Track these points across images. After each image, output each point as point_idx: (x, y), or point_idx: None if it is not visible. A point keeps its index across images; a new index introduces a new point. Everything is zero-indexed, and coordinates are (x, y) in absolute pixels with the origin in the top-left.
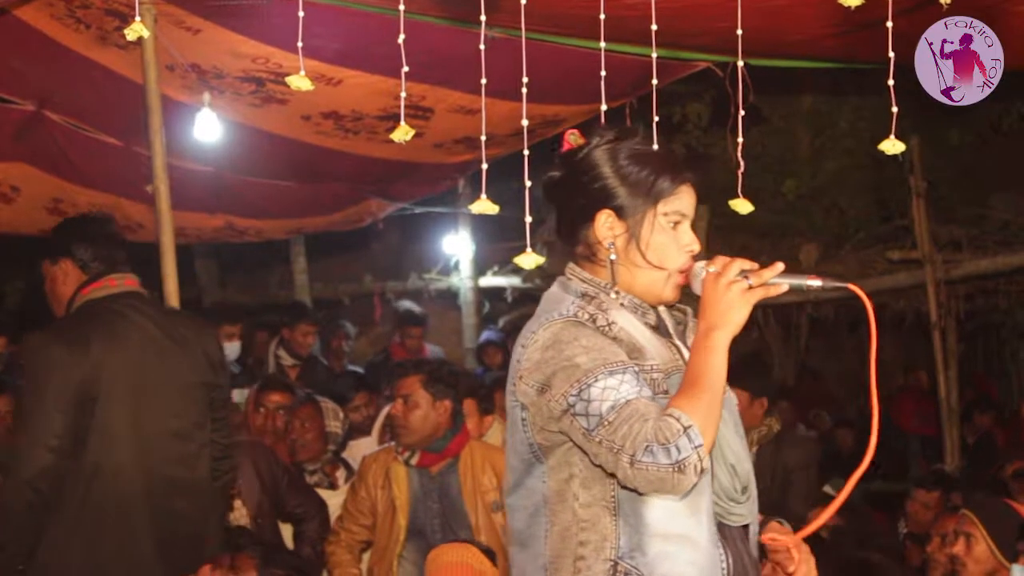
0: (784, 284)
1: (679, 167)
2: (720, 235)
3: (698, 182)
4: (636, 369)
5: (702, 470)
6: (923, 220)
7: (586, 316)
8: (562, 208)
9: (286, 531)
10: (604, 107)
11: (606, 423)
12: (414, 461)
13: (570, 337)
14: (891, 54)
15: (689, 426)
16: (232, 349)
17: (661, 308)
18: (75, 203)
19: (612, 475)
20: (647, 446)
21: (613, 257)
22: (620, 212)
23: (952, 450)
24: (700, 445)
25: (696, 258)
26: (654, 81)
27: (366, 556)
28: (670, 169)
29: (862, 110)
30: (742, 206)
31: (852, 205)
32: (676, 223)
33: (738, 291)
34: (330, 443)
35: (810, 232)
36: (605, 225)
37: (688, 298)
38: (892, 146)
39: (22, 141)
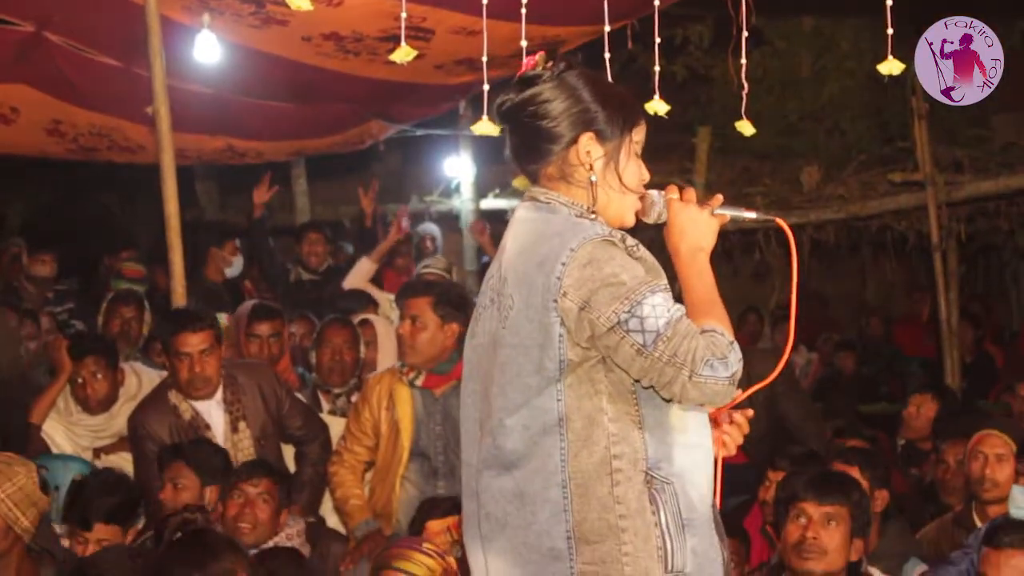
0: (727, 214)
1: (636, 100)
2: (720, 158)
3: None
4: (664, 285)
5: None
6: (924, 142)
7: (618, 236)
8: (529, 129)
9: (287, 452)
10: (607, 28)
11: (665, 338)
12: (419, 382)
13: (606, 256)
14: None
15: (732, 340)
16: (237, 264)
17: None
18: (75, 124)
19: (648, 389)
20: (707, 360)
21: (594, 179)
22: (601, 136)
23: (952, 371)
24: (741, 359)
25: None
26: (656, 2)
27: (368, 476)
28: (635, 101)
29: (863, 31)
30: (746, 128)
31: (853, 127)
32: (638, 153)
33: (708, 215)
34: (358, 369)
35: (811, 154)
36: (586, 147)
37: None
38: (890, 67)
39: (22, 62)
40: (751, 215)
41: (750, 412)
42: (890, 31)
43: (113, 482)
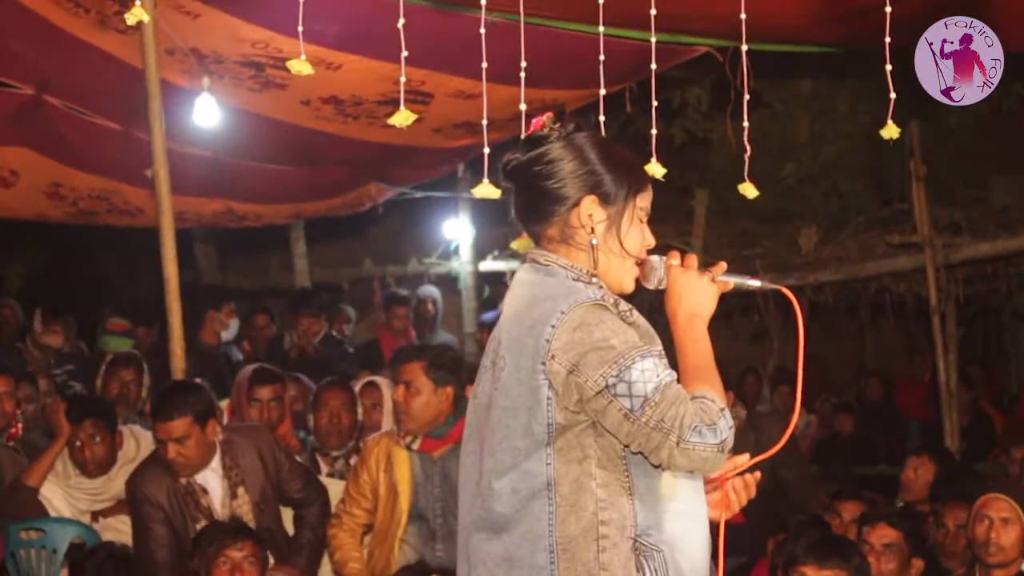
0: (731, 281)
1: (643, 167)
2: (719, 220)
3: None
4: (658, 351)
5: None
6: (923, 204)
7: (611, 301)
8: (533, 189)
9: (286, 515)
10: (603, 92)
11: (652, 404)
12: (416, 446)
13: (597, 319)
14: (888, 39)
15: (723, 408)
16: (233, 327)
17: None
18: (75, 187)
19: (638, 455)
20: (695, 426)
21: (595, 242)
22: (604, 200)
23: (951, 433)
24: (732, 426)
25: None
26: (653, 66)
27: (367, 539)
28: (642, 168)
29: (861, 93)
30: (748, 190)
31: (852, 189)
32: (642, 219)
33: (708, 282)
34: (356, 431)
35: (810, 216)
36: (588, 210)
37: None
38: (890, 132)
39: (22, 125)
40: (755, 284)
41: (758, 475)
42: (892, 95)
43: (112, 565)
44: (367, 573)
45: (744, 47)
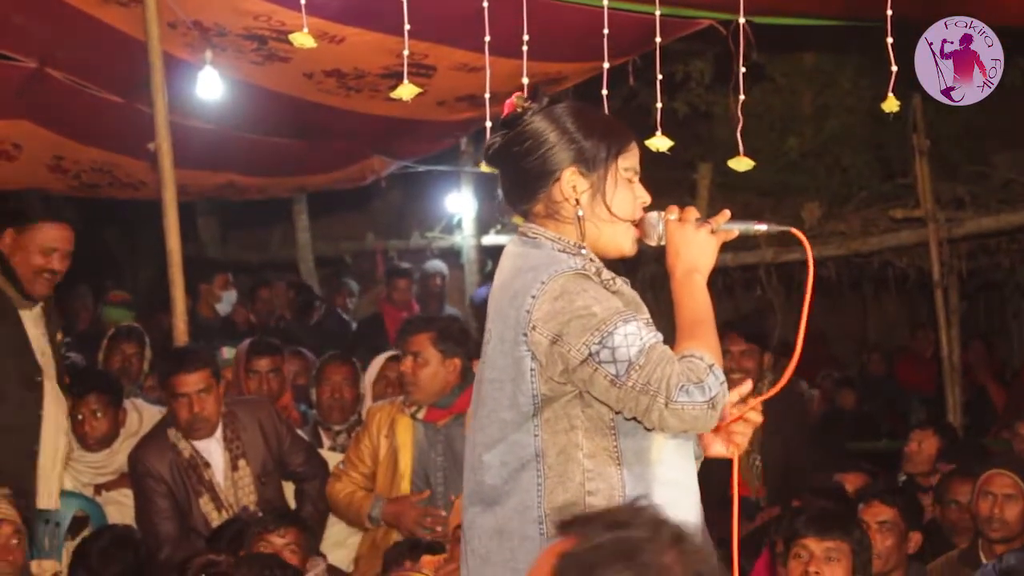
0: (735, 229)
1: (626, 126)
2: (722, 194)
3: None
4: (644, 319)
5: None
6: (926, 178)
7: (593, 270)
8: (515, 169)
9: (287, 490)
10: (607, 65)
11: (637, 367)
12: (421, 416)
13: (579, 288)
14: (889, 11)
15: (712, 364)
16: (228, 299)
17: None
18: (77, 160)
19: (628, 422)
20: (682, 386)
21: (581, 213)
22: (585, 168)
23: (954, 408)
24: (723, 381)
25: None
26: (658, 39)
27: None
28: (623, 127)
29: (864, 68)
30: (741, 164)
31: (855, 163)
32: (630, 179)
33: (706, 235)
34: (358, 405)
35: (813, 190)
36: (571, 182)
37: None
38: (892, 105)
39: (24, 98)
40: (761, 228)
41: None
42: (894, 68)
43: (116, 547)
44: (370, 539)
45: (742, 19)
